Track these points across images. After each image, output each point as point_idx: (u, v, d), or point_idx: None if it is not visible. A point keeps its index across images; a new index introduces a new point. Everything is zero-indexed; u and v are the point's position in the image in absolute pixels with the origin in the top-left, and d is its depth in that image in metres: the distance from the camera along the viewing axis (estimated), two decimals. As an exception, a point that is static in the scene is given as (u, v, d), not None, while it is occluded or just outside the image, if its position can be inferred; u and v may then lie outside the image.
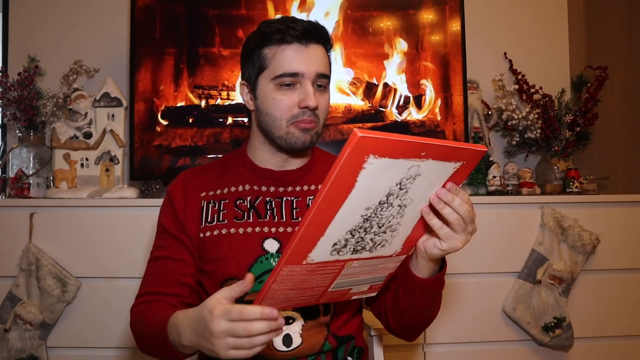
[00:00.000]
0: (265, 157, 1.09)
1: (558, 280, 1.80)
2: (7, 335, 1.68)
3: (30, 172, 1.88)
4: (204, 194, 1.09)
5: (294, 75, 0.99)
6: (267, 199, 1.08)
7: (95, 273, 1.73)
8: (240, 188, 1.09)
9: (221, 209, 1.07)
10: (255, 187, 1.09)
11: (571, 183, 1.99)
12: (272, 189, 1.09)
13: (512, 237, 1.84)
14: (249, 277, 0.77)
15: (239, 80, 1.12)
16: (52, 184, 1.88)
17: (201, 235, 1.06)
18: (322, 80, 1.02)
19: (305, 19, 1.04)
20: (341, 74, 2.02)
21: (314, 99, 0.99)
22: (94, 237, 1.73)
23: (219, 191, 1.09)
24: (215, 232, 1.05)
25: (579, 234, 1.81)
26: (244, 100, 1.09)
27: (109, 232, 1.73)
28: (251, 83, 1.05)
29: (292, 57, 0.99)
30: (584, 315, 1.85)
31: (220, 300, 0.77)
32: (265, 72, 1.01)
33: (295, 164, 1.10)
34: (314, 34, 1.00)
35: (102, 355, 1.73)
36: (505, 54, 2.26)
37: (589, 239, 1.80)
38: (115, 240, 1.73)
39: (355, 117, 2.01)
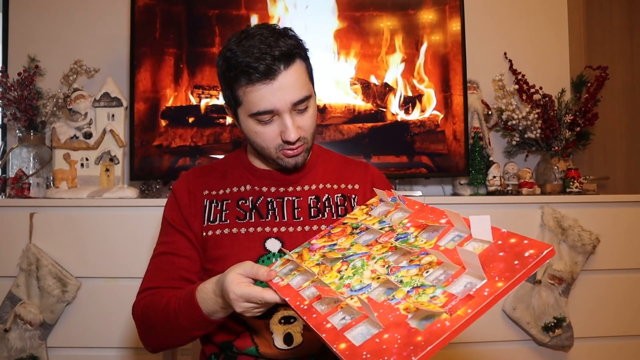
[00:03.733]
0: (262, 163, 1.11)
1: (558, 280, 1.80)
2: (7, 335, 1.68)
3: (30, 172, 1.88)
4: (206, 192, 1.10)
5: (268, 112, 0.97)
6: (269, 199, 1.09)
7: (95, 273, 1.73)
8: (242, 189, 1.10)
9: (223, 209, 1.08)
10: (257, 188, 1.10)
11: (571, 183, 1.99)
12: (272, 189, 1.10)
13: (512, 237, 1.83)
14: (272, 274, 0.85)
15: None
16: (52, 184, 1.88)
17: (204, 234, 1.07)
18: (301, 105, 0.99)
19: (274, 36, 0.96)
20: (341, 74, 2.02)
21: (294, 131, 0.98)
22: (94, 237, 1.73)
23: (221, 191, 1.10)
24: (218, 232, 1.06)
25: (579, 234, 1.81)
26: (232, 118, 1.09)
27: (109, 232, 1.73)
28: (231, 110, 1.04)
29: (262, 96, 0.95)
30: (584, 315, 1.85)
31: (236, 278, 0.84)
32: (242, 108, 1.00)
33: None
34: (280, 61, 0.94)
35: (102, 355, 1.73)
36: (505, 54, 2.26)
37: (589, 239, 1.80)
38: (115, 240, 1.73)
39: (355, 117, 2.01)
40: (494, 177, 2.00)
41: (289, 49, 0.96)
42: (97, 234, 1.73)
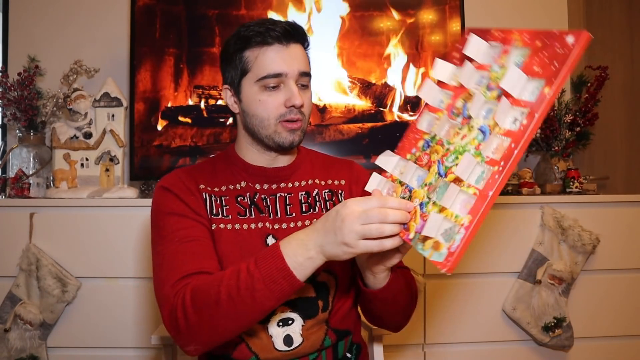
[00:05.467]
0: (254, 156, 1.10)
1: (558, 280, 1.80)
2: (7, 335, 1.68)
3: (30, 172, 1.88)
4: (202, 186, 1.07)
5: (277, 75, 1.00)
6: (262, 196, 1.09)
7: (95, 273, 1.73)
8: (238, 186, 1.09)
9: (223, 204, 1.06)
10: (250, 184, 1.09)
11: (571, 183, 1.99)
12: (265, 186, 1.09)
13: (512, 237, 1.84)
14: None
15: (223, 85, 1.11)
16: (52, 184, 1.88)
17: (213, 226, 1.03)
18: (304, 79, 1.03)
19: (283, 20, 1.05)
20: (341, 74, 2.02)
21: (300, 97, 1.00)
22: (94, 237, 1.73)
23: (216, 189, 1.08)
24: (222, 226, 1.04)
25: (579, 234, 1.81)
26: (227, 104, 1.10)
27: (109, 232, 1.73)
28: (234, 87, 1.05)
29: (274, 58, 0.99)
30: (584, 315, 1.85)
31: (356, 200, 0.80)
32: (249, 75, 1.02)
33: (284, 160, 1.11)
34: (293, 34, 1.01)
35: (102, 355, 1.73)
36: (505, 54, 2.25)
37: (589, 239, 1.80)
38: (116, 240, 1.73)
39: (355, 117, 2.02)
40: (494, 177, 1.99)
41: (301, 30, 1.04)
42: (97, 234, 1.73)
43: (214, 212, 1.04)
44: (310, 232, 0.84)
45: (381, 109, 2.03)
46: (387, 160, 0.92)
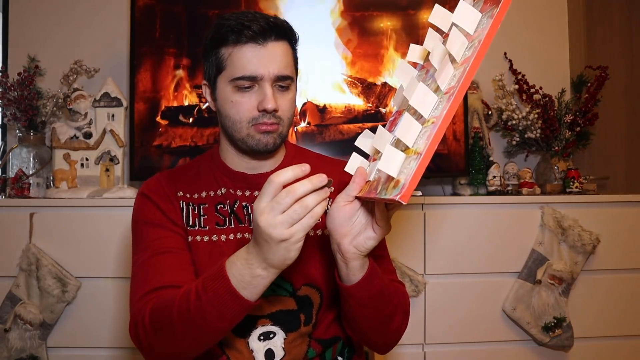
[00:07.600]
0: (235, 160, 1.05)
1: (558, 280, 1.80)
2: (7, 335, 1.68)
3: (30, 172, 1.88)
4: (181, 194, 1.04)
5: (251, 78, 0.94)
6: (243, 203, 1.04)
7: (95, 273, 1.73)
8: (219, 192, 1.05)
9: (201, 213, 1.03)
10: (232, 191, 1.05)
11: (571, 183, 1.99)
12: (247, 192, 1.05)
13: (512, 237, 1.84)
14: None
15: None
16: (52, 184, 1.88)
17: (189, 238, 1.02)
18: (284, 82, 0.97)
19: (268, 14, 0.99)
20: (341, 74, 2.02)
21: (273, 101, 0.94)
22: (94, 237, 1.73)
23: (196, 195, 1.05)
24: (198, 238, 1.01)
25: (579, 234, 1.81)
26: (207, 100, 1.05)
27: (109, 232, 1.73)
28: (211, 83, 1.01)
29: (248, 59, 0.94)
30: (584, 315, 1.85)
31: None
32: (224, 73, 0.97)
33: (267, 166, 1.06)
34: (272, 30, 0.94)
35: (102, 355, 1.73)
36: (505, 54, 2.26)
37: (589, 239, 1.80)
38: (116, 240, 1.73)
39: (355, 117, 2.01)
40: (494, 177, 2.00)
41: (283, 25, 0.97)
42: (97, 234, 1.73)
43: (190, 222, 1.02)
44: (251, 248, 0.79)
45: (381, 109, 2.03)
46: (364, 141, 0.90)
